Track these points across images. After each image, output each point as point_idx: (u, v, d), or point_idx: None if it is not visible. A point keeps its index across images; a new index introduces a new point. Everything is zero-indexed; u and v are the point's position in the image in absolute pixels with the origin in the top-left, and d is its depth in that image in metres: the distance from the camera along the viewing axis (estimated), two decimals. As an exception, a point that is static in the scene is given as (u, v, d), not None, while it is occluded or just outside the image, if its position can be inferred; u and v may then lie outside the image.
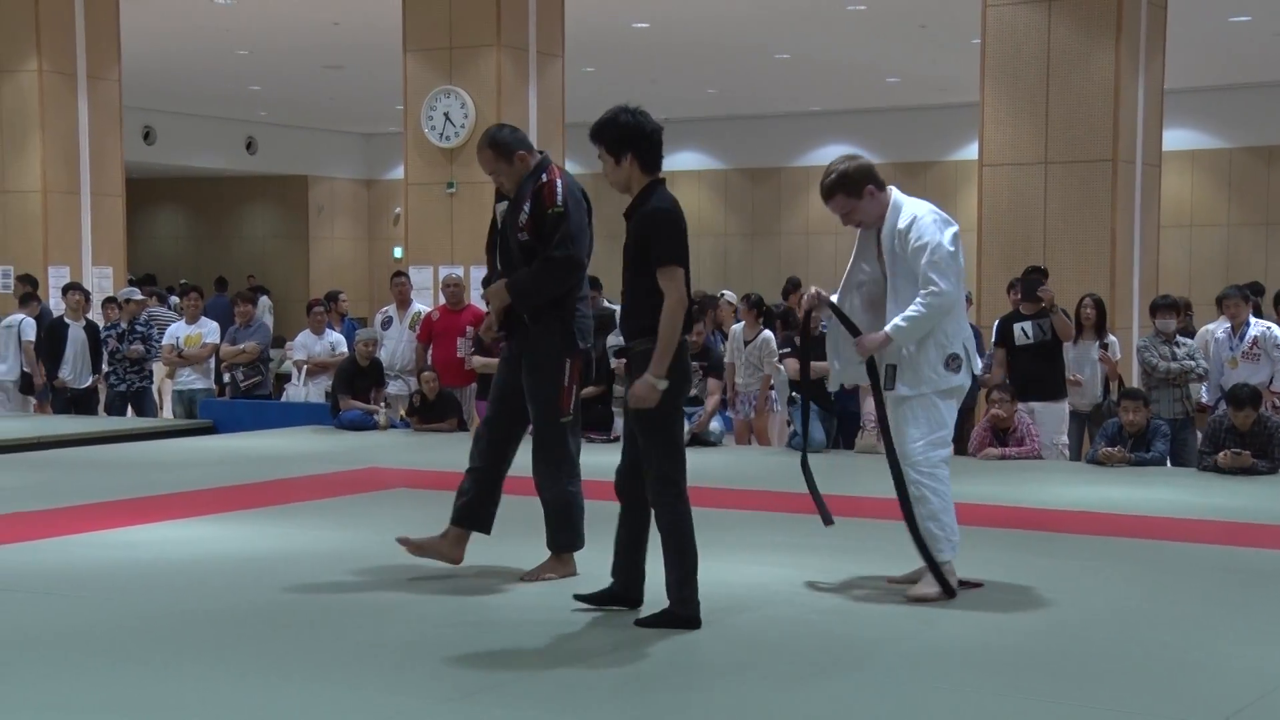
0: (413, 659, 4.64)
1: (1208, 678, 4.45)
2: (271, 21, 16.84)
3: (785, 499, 7.68)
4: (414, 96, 13.74)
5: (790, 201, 24.61)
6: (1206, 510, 7.57)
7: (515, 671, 4.45)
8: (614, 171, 4.96)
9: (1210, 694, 4.27)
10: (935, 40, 17.35)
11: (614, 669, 4.52)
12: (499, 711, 4.09)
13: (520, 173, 5.66)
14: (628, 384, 5.06)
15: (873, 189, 5.47)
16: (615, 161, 4.94)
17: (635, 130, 4.92)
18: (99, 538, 6.72)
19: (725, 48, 18.29)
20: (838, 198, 5.47)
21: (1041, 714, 4.06)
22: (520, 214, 5.60)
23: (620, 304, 5.18)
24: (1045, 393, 9.88)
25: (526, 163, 5.67)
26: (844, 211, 5.50)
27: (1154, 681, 4.42)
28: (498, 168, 5.68)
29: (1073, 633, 4.96)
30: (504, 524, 5.92)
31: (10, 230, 14.56)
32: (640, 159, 4.93)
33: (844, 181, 5.46)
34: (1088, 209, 11.52)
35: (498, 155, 5.66)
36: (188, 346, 12.39)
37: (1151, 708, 4.14)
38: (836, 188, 5.47)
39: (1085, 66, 11.49)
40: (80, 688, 4.31)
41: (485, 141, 5.71)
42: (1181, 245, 20.80)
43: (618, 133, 4.93)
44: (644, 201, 4.96)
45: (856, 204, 5.46)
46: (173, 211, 28.35)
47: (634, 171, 4.94)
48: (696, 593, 4.92)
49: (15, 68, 14.46)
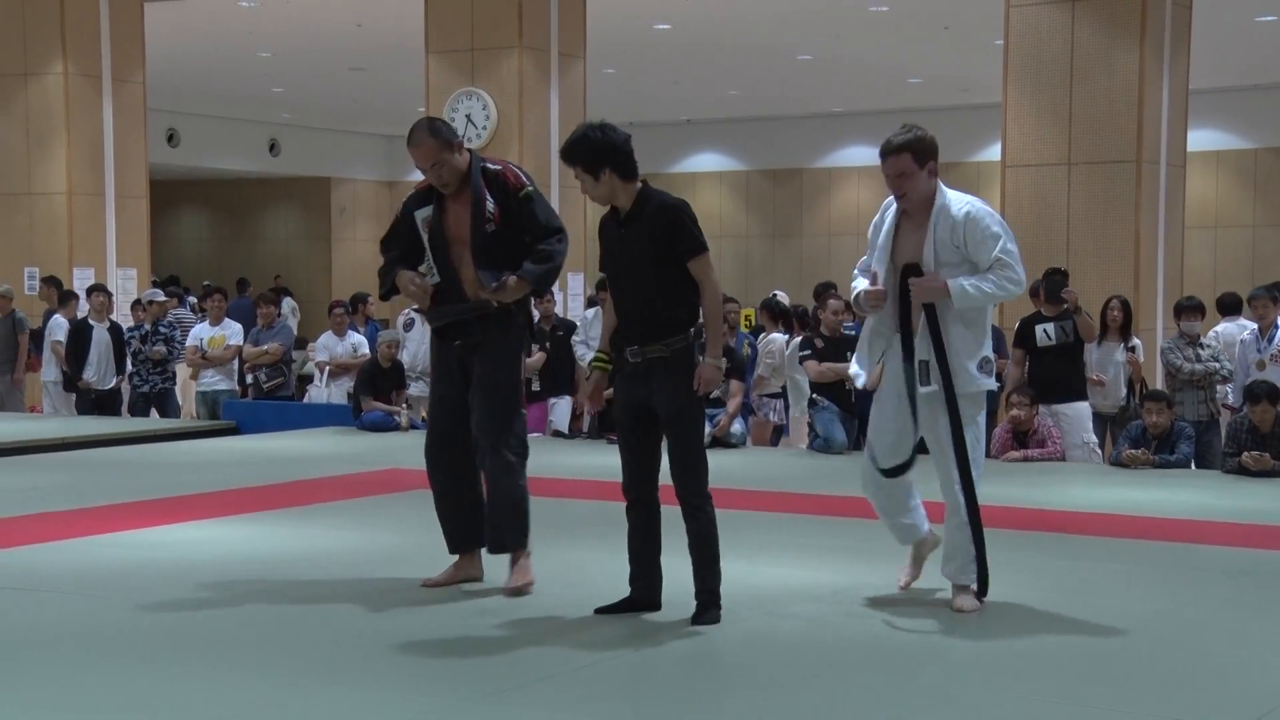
0: (436, 659, 4.65)
1: (1235, 681, 4.42)
2: (294, 24, 16.90)
3: (806, 500, 7.67)
4: (436, 98, 13.77)
5: (812, 203, 24.57)
6: (1231, 513, 7.53)
7: (539, 671, 4.46)
8: (595, 187, 5.03)
9: (1237, 698, 4.24)
10: (958, 41, 17.29)
11: (636, 669, 4.52)
12: (523, 711, 4.09)
13: (460, 165, 5.43)
14: (627, 389, 5.05)
15: (934, 166, 5.21)
16: (594, 178, 5.02)
17: (607, 145, 5.00)
18: (124, 538, 6.75)
19: (747, 49, 18.27)
20: (904, 156, 5.14)
21: (1068, 717, 4.05)
22: (487, 202, 5.40)
23: (622, 308, 5.07)
24: (1067, 393, 9.84)
25: (463, 154, 5.47)
26: (900, 173, 5.14)
27: (1180, 685, 4.39)
28: (442, 159, 5.39)
29: (1098, 636, 4.94)
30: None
31: (36, 232, 14.65)
32: (618, 170, 5.01)
33: (917, 144, 5.16)
34: (1112, 210, 11.47)
35: (443, 146, 5.39)
36: (211, 348, 12.44)
37: (1178, 711, 4.12)
38: (907, 147, 5.14)
39: (1109, 66, 11.44)
40: (104, 688, 4.33)
41: (425, 134, 5.40)
42: (1206, 246, 20.69)
43: (590, 150, 5.00)
44: (647, 200, 5.02)
45: (916, 172, 5.15)
46: (196, 213, 28.48)
47: (615, 183, 5.02)
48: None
49: (41, 70, 14.54)
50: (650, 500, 5.11)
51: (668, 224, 4.97)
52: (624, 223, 5.05)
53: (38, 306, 13.88)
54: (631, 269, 5.04)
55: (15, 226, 14.71)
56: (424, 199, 5.52)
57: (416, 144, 5.39)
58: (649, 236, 4.99)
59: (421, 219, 5.49)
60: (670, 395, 4.99)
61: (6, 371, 13.18)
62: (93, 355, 12.70)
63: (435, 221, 5.46)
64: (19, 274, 14.64)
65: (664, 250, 4.96)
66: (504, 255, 5.44)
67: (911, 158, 5.12)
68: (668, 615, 5.06)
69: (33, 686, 4.31)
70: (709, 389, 5.00)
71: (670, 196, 5.10)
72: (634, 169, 5.04)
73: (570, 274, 14.26)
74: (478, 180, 5.41)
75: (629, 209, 5.04)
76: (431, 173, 5.42)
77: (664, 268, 4.97)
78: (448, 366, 5.56)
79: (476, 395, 5.47)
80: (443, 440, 5.61)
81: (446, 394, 5.59)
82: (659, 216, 4.99)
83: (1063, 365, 9.81)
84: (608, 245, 5.14)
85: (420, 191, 5.56)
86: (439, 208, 5.48)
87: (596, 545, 6.54)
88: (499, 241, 5.42)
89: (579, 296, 14.11)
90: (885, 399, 5.32)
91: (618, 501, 5.78)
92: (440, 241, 5.47)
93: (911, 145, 5.14)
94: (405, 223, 5.56)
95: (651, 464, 5.10)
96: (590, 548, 6.49)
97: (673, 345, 4.99)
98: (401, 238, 5.58)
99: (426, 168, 5.41)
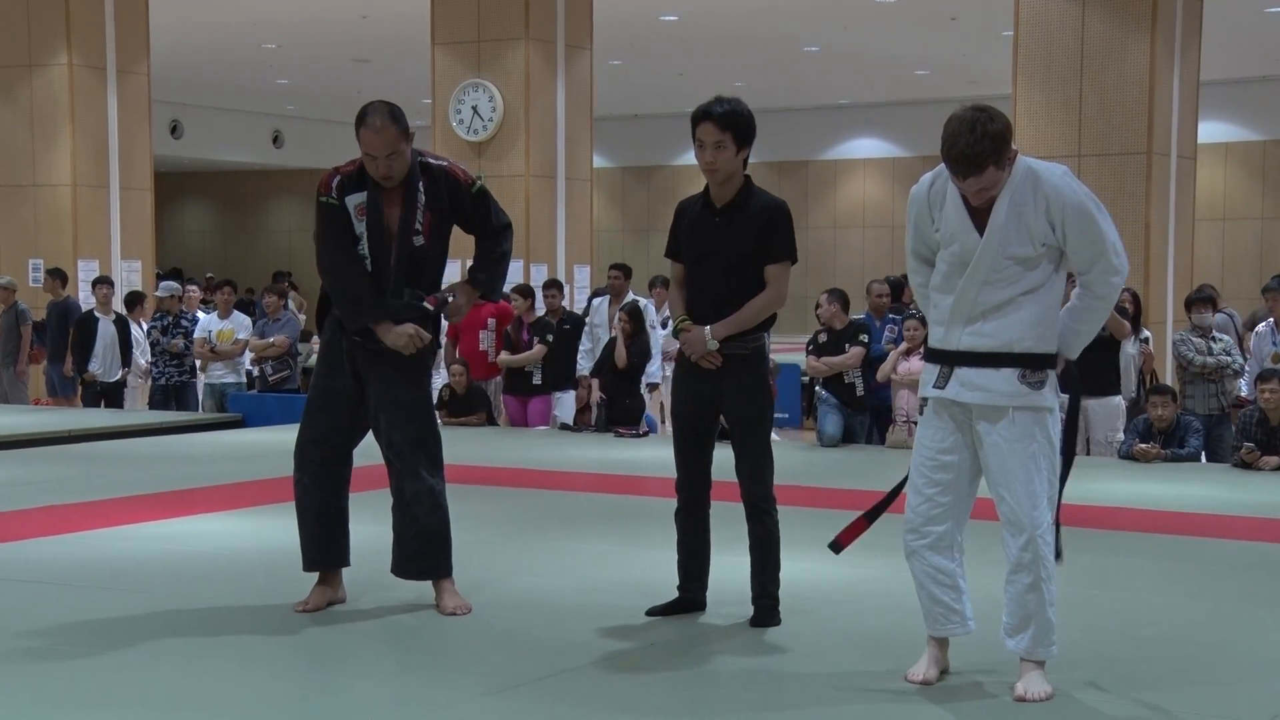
0: (447, 653, 4.62)
1: (1254, 676, 4.39)
2: (299, 15, 16.87)
3: (821, 494, 7.63)
4: (442, 90, 13.74)
5: (818, 195, 24.52)
6: (1242, 507, 7.49)
7: (550, 667, 4.42)
8: (729, 161, 4.81)
9: (1257, 692, 4.21)
10: (966, 32, 17.25)
11: (648, 667, 4.48)
12: (534, 706, 4.06)
13: (410, 162, 4.99)
14: (692, 386, 4.91)
15: (1014, 155, 4.07)
16: (736, 151, 4.83)
17: (753, 124, 4.86)
18: (131, 531, 6.72)
19: (754, 40, 18.23)
20: (989, 171, 3.97)
21: (1086, 712, 4.01)
22: (418, 210, 4.97)
23: (704, 298, 4.89)
24: (1099, 389, 9.77)
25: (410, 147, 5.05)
26: (983, 188, 4.01)
27: (1198, 679, 4.35)
28: (398, 149, 4.89)
29: (1115, 630, 4.90)
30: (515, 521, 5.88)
31: (40, 224, 14.62)
32: (746, 156, 4.88)
33: (999, 146, 3.95)
34: (1122, 202, 11.42)
35: (401, 135, 4.88)
36: (220, 341, 12.42)
37: (1197, 706, 4.08)
38: (990, 157, 3.95)
39: (1120, 58, 11.40)
40: (116, 681, 4.30)
41: (388, 119, 4.86)
42: (1214, 238, 20.65)
43: (747, 124, 4.83)
44: (752, 195, 4.90)
45: (1000, 178, 4.02)
46: (200, 205, 28.48)
47: (739, 164, 4.87)
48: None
49: (45, 62, 14.51)
50: (705, 501, 5.02)
51: (770, 222, 4.86)
52: (722, 212, 4.89)
53: (42, 298, 13.85)
54: (724, 260, 4.88)
55: (20, 218, 14.69)
56: (357, 184, 4.99)
57: (377, 129, 4.85)
58: (751, 231, 4.86)
59: (354, 205, 4.99)
60: (744, 394, 4.88)
61: (9, 364, 13.17)
62: (98, 347, 12.67)
63: (374, 211, 4.99)
64: (23, 266, 14.62)
65: (761, 247, 4.86)
66: (424, 276, 5.04)
67: (996, 168, 3.98)
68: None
69: (40, 680, 4.28)
70: (689, 350, 4.86)
71: (774, 196, 4.98)
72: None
73: (577, 266, 14.22)
74: (414, 182, 4.98)
75: (731, 199, 4.88)
76: (384, 162, 4.89)
77: (756, 265, 4.86)
78: (341, 362, 5.07)
79: (386, 413, 5.01)
80: (322, 440, 5.09)
81: (338, 389, 5.08)
82: (764, 214, 4.86)
83: (1095, 360, 9.71)
84: (697, 233, 4.92)
85: (350, 175, 5.01)
86: (374, 197, 4.99)
87: (604, 539, 6.51)
88: (422, 258, 5.01)
89: (585, 289, 14.08)
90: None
91: (626, 495, 5.71)
92: (379, 233, 4.99)
93: (994, 152, 3.94)
94: (341, 208, 4.99)
95: (708, 464, 5.00)
96: (599, 540, 6.45)
97: (750, 344, 4.88)
98: (340, 228, 4.99)
99: (382, 156, 4.87)
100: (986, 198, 4.05)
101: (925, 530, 4.21)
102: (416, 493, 5.04)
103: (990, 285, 4.09)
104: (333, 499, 5.14)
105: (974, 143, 3.94)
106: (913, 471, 4.25)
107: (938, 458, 4.19)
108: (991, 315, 4.10)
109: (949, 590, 4.22)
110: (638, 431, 10.59)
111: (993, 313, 4.09)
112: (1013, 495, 4.07)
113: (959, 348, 4.14)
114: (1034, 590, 4.08)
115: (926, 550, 4.21)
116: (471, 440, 10.06)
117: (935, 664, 4.26)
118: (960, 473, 4.19)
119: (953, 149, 4.00)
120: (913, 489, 4.25)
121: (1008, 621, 4.15)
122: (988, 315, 4.10)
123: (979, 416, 4.12)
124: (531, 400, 11.32)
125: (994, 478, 4.12)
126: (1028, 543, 4.06)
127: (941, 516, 4.20)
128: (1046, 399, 4.12)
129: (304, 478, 5.12)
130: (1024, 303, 4.09)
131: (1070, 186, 4.09)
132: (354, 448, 5.19)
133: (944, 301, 4.18)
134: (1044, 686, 4.08)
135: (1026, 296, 4.09)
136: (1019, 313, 4.09)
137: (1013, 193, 4.06)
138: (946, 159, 4.05)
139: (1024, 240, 4.06)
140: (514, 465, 8.99)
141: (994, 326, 4.09)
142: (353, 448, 5.18)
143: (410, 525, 5.08)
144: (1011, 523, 4.09)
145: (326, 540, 5.14)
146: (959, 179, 4.03)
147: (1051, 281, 4.14)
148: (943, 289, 4.19)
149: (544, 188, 13.81)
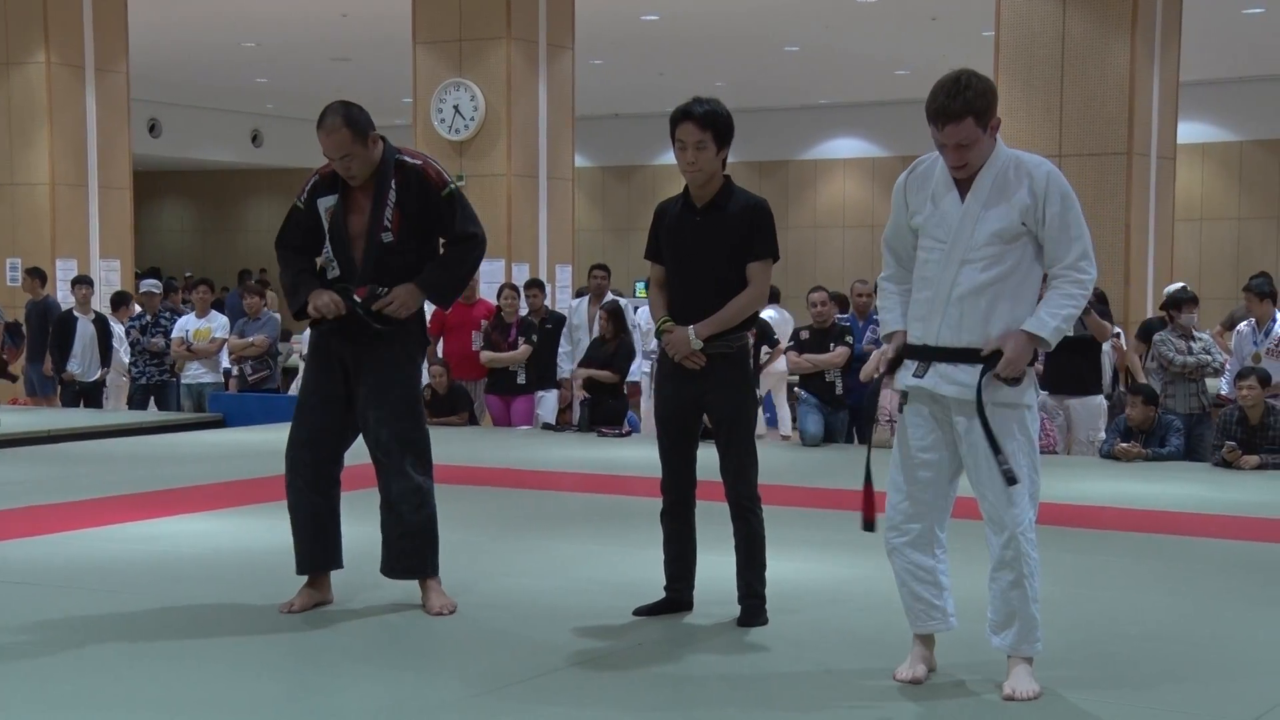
0: (433, 653, 4.61)
1: (1238, 673, 4.41)
2: (279, 13, 16.79)
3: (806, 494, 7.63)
4: (423, 89, 13.70)
5: (798, 195, 24.53)
6: (1224, 505, 7.53)
7: (536, 667, 4.41)
8: (710, 161, 4.81)
9: (1242, 690, 4.23)
10: (946, 32, 17.28)
11: (635, 667, 4.48)
12: (520, 706, 4.05)
13: (373, 158, 4.94)
14: (676, 386, 4.91)
15: (997, 123, 4.09)
16: (716, 151, 4.83)
17: (732, 124, 4.86)
18: (115, 531, 6.69)
19: (734, 40, 18.23)
20: (967, 122, 3.98)
21: (1072, 711, 4.02)
22: (387, 207, 4.94)
23: (687, 298, 4.88)
24: (1081, 388, 9.81)
25: (378, 146, 4.98)
26: (962, 142, 4.01)
27: (1183, 677, 4.37)
28: (353, 151, 4.87)
29: (1100, 629, 4.92)
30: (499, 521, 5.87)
31: (18, 223, 14.53)
32: (725, 156, 4.88)
33: (980, 102, 3.98)
34: (1102, 202, 11.47)
35: (355, 137, 4.86)
36: (197, 340, 12.36)
37: (1182, 705, 4.10)
38: (971, 107, 3.97)
39: (1100, 59, 11.44)
40: (100, 682, 4.27)
41: (340, 120, 4.85)
42: (1191, 239, 20.73)
43: (726, 124, 4.83)
44: (733, 194, 4.89)
45: (980, 138, 4.03)
46: (178, 204, 28.33)
47: (719, 164, 4.87)
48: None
49: (23, 60, 14.42)
50: (690, 502, 5.02)
51: (751, 220, 4.86)
52: (703, 212, 4.88)
53: (20, 298, 13.77)
54: (705, 260, 4.88)
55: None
56: (330, 186, 5.03)
57: (328, 130, 4.86)
58: (732, 230, 4.85)
59: (325, 208, 5.02)
60: (729, 393, 4.87)
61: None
62: (77, 347, 12.62)
63: (338, 212, 5.00)
64: (1, 265, 14.52)
65: (743, 246, 4.86)
66: (394, 271, 4.99)
67: (975, 121, 3.99)
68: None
69: (23, 681, 4.25)
70: (672, 351, 4.85)
71: (754, 194, 4.98)
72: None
73: (559, 266, 14.21)
74: (386, 180, 4.95)
75: (711, 198, 4.88)
76: (339, 164, 4.92)
77: (738, 263, 4.86)
78: (330, 362, 5.07)
79: (374, 410, 4.98)
80: (313, 442, 5.07)
81: (328, 390, 5.06)
82: (746, 212, 4.87)
83: (1076, 360, 9.75)
84: (678, 233, 4.92)
85: (325, 178, 5.05)
86: (344, 197, 5.02)
87: (590, 539, 6.50)
88: (391, 254, 4.97)
89: (567, 289, 14.06)
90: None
91: (609, 495, 5.72)
92: (342, 234, 5.01)
93: (977, 104, 3.98)
94: (308, 212, 5.05)
95: (693, 465, 5.00)
96: (583, 540, 6.44)
97: (734, 343, 4.87)
98: (302, 230, 5.07)
99: (335, 158, 4.91)
100: (966, 162, 4.06)
101: (905, 528, 4.23)
102: (403, 491, 5.03)
103: (970, 265, 4.08)
104: (325, 501, 5.12)
105: (956, 92, 3.99)
106: (894, 469, 4.26)
107: (918, 456, 4.21)
108: (969, 306, 4.08)
109: (930, 587, 4.24)
110: (621, 431, 10.59)
111: (970, 300, 4.07)
112: (994, 493, 4.09)
113: (937, 343, 4.13)
114: (1017, 587, 4.09)
115: (907, 547, 4.23)
116: (455, 440, 10.03)
117: (923, 662, 4.28)
118: (940, 471, 4.21)
119: (935, 100, 4.03)
120: (893, 487, 4.26)
121: (992, 619, 4.17)
122: (965, 305, 4.08)
123: (957, 411, 4.13)
124: (515, 400, 11.30)
125: (975, 476, 4.14)
126: (1009, 540, 4.09)
127: (922, 514, 4.22)
128: (1025, 396, 4.13)
129: (296, 480, 5.11)
130: (1002, 293, 4.08)
131: (1055, 171, 4.13)
132: (345, 449, 5.17)
133: (922, 294, 4.17)
134: (1031, 685, 4.08)
135: (1003, 286, 4.07)
136: (996, 307, 4.07)
137: (997, 170, 4.10)
138: (929, 110, 4.07)
139: (1005, 213, 4.06)
140: (499, 465, 8.97)
141: (972, 322, 4.08)
142: (344, 449, 5.17)
143: (397, 524, 5.07)
144: (993, 520, 4.12)
145: (319, 543, 5.12)
146: (938, 129, 4.05)
147: (1029, 274, 4.12)
148: (922, 283, 4.19)
149: (526, 187, 13.79)
